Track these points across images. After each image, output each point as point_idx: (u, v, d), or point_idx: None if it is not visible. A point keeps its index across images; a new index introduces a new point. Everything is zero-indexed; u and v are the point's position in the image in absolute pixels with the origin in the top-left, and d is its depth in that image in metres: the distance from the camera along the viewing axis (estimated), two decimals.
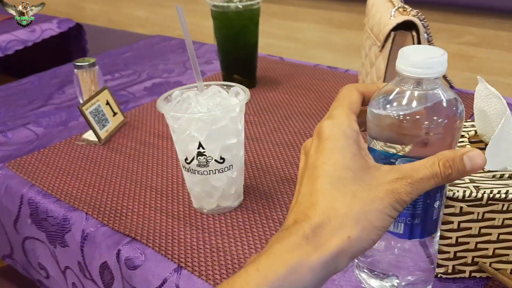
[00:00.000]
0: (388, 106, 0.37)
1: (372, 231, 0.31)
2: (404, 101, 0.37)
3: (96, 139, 0.74)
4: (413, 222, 0.39)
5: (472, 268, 0.46)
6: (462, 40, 1.28)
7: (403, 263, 0.43)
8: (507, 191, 0.42)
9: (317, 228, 0.31)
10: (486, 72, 1.26)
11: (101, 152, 0.73)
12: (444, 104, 0.37)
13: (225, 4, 0.82)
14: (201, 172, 0.54)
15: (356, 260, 0.47)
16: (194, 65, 0.54)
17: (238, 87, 0.56)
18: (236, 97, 0.55)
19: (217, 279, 0.48)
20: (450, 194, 0.43)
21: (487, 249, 0.45)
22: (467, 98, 0.80)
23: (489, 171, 0.45)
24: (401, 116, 0.37)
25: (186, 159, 0.54)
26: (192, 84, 0.56)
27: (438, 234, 0.42)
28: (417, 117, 0.36)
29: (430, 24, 0.71)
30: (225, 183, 0.55)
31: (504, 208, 0.43)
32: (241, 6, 0.82)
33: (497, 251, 0.45)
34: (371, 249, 0.44)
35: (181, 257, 0.51)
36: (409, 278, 0.44)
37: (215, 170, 0.54)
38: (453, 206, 0.43)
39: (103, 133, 0.75)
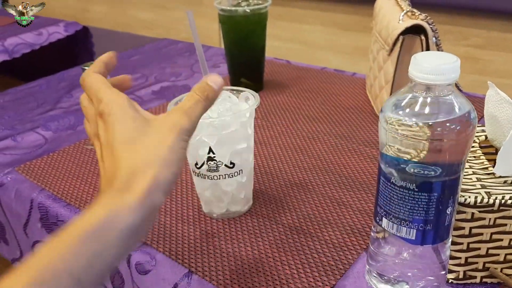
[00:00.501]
0: (401, 112, 0.38)
1: (171, 165, 0.36)
2: (417, 107, 0.37)
3: None
4: (426, 228, 0.39)
5: (483, 273, 0.46)
6: (469, 42, 1.27)
7: (414, 268, 0.43)
8: None
9: (126, 182, 0.35)
10: (493, 74, 1.25)
11: None
12: (457, 110, 0.37)
13: (233, 8, 0.83)
14: (211, 177, 0.54)
15: (367, 266, 0.47)
16: (205, 71, 0.55)
17: (248, 92, 0.56)
18: (246, 102, 0.55)
19: (227, 284, 0.48)
20: (461, 200, 0.43)
21: (498, 254, 0.45)
22: (475, 101, 0.80)
23: (500, 177, 0.45)
24: (414, 122, 0.37)
25: (196, 164, 0.54)
26: None
27: (450, 240, 0.42)
28: (430, 123, 0.36)
29: (437, 27, 0.71)
30: (235, 188, 0.55)
31: None
32: (248, 10, 0.82)
33: (509, 257, 0.45)
34: (382, 254, 0.44)
35: (192, 262, 0.51)
36: (419, 283, 0.44)
37: (225, 175, 0.54)
38: (464, 212, 0.43)
39: None
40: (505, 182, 0.45)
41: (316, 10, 1.51)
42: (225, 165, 0.53)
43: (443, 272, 0.44)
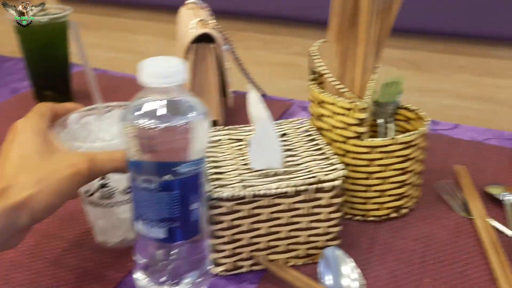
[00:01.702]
0: (132, 115, 0.38)
1: (51, 194, 0.38)
2: (149, 110, 0.38)
3: None
4: (173, 225, 0.41)
5: (249, 262, 0.49)
6: (290, 51, 1.37)
7: (181, 266, 0.45)
8: (270, 187, 0.46)
9: (1, 191, 0.37)
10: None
11: None
12: (185, 111, 0.39)
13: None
14: (105, 205, 0.49)
15: (138, 271, 0.46)
16: (92, 84, 0.49)
17: None
18: None
19: None
20: (218, 195, 0.45)
21: (259, 243, 0.49)
22: (280, 105, 0.87)
23: (258, 171, 0.49)
24: (142, 124, 0.37)
25: (87, 191, 0.48)
26: (91, 106, 0.51)
27: (204, 234, 0.44)
28: (160, 125, 0.38)
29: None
30: None
31: (269, 203, 0.47)
32: (45, 20, 0.78)
33: (269, 243, 0.49)
34: (153, 260, 0.44)
35: None
36: (190, 279, 0.45)
37: (121, 201, 0.49)
38: (221, 206, 0.46)
39: None
40: (260, 175, 0.49)
41: (149, 20, 1.51)
42: (121, 191, 0.49)
43: (207, 266, 0.46)
